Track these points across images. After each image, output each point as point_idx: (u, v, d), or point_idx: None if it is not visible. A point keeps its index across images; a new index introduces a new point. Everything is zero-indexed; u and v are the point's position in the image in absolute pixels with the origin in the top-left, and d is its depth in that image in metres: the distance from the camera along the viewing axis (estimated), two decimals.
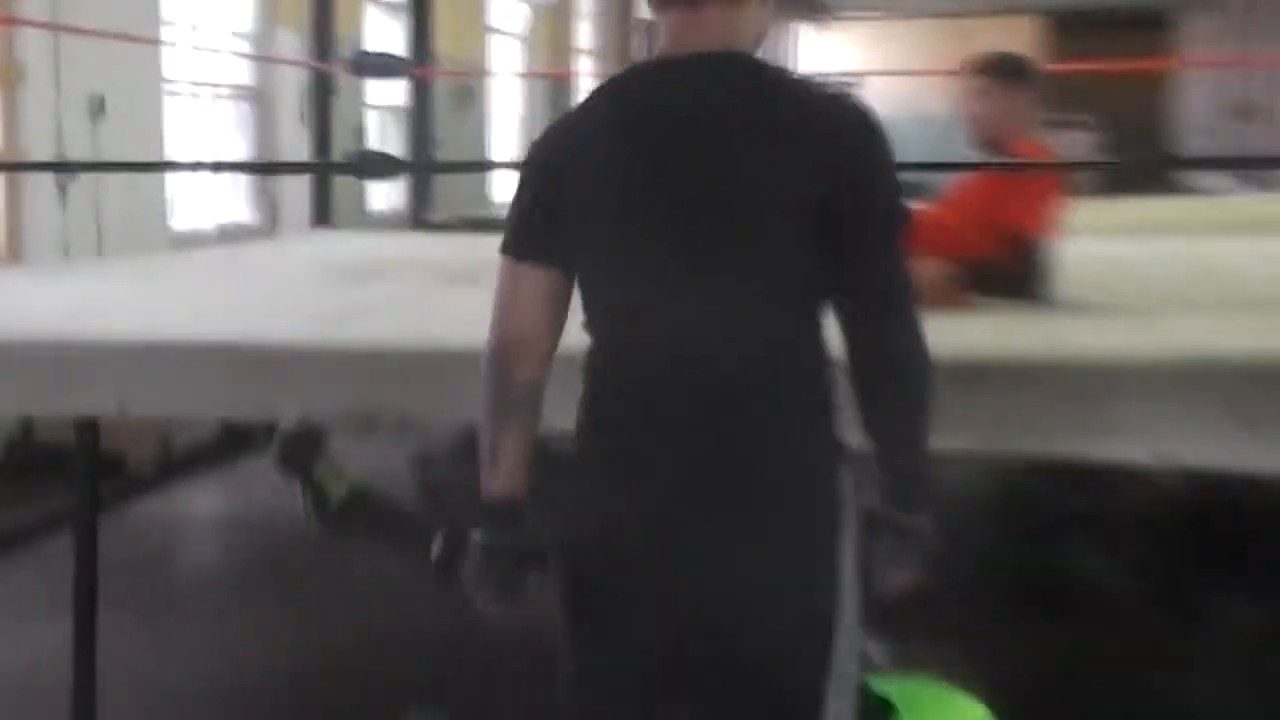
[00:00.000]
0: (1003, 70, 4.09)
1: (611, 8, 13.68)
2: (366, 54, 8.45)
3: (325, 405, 3.34)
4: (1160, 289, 4.30)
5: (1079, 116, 19.03)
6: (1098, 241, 5.17)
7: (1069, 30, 21.49)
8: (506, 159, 12.96)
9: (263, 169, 9.10)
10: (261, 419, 3.50)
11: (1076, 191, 4.81)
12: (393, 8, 10.66)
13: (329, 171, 7.34)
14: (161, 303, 4.30)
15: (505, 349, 2.18)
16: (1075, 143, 18.38)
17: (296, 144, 8.32)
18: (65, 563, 3.74)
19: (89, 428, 3.64)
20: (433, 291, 4.55)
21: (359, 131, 9.64)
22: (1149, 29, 21.87)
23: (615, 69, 15.38)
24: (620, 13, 14.91)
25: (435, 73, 8.72)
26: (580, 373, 2.20)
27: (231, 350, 3.31)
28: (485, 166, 13.36)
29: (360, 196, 9.58)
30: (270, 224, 9.17)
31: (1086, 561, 5.04)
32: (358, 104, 9.68)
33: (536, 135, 2.26)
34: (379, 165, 7.35)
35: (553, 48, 15.18)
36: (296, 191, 8.35)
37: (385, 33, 10.15)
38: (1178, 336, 3.37)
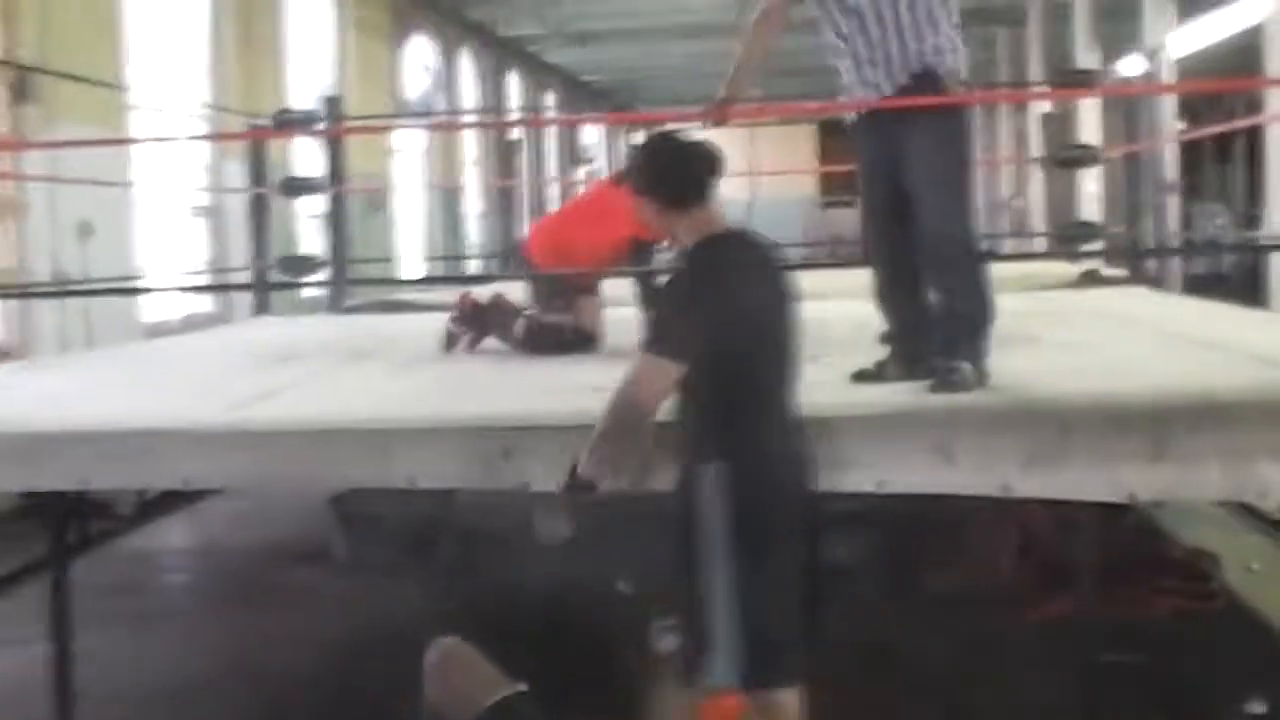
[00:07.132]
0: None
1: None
2: (293, 178, 8.65)
3: (237, 475, 3.39)
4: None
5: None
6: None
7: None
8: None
9: (207, 288, 9.52)
10: (185, 488, 3.63)
11: None
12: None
13: (261, 278, 7.76)
14: (112, 390, 4.32)
15: None
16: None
17: (245, 248, 8.51)
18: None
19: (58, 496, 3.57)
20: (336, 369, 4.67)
21: (292, 237, 9.88)
22: None
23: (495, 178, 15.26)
24: (498, 131, 15.19)
25: (347, 189, 8.89)
26: None
27: (156, 434, 3.36)
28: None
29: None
30: (227, 311, 9.32)
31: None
32: (289, 215, 9.91)
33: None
34: (299, 265, 7.68)
35: (445, 162, 15.42)
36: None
37: (310, 157, 10.34)
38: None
